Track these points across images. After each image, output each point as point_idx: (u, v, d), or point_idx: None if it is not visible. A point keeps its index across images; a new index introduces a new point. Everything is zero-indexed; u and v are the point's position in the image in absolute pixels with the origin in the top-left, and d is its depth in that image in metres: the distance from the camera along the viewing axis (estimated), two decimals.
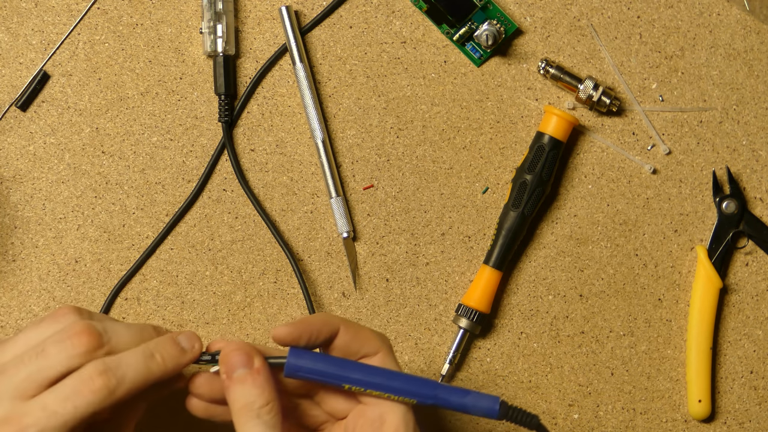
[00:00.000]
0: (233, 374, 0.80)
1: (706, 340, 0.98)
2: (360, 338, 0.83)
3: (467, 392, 0.83)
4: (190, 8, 0.99)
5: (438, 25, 0.99)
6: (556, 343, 0.99)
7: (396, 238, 0.99)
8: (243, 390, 0.80)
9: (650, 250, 0.99)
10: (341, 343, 0.82)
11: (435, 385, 0.82)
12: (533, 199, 0.97)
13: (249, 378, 0.80)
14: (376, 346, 0.83)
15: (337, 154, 0.99)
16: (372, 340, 0.83)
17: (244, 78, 0.99)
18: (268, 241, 0.99)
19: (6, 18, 0.99)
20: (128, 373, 0.79)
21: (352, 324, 0.83)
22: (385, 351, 0.83)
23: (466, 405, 0.82)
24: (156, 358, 0.80)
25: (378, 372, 0.82)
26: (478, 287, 0.97)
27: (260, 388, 0.80)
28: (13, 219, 0.98)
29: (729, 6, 0.99)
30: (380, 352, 0.83)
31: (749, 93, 0.99)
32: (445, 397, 0.82)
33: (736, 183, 0.99)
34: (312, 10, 0.99)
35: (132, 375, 0.79)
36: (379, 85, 0.99)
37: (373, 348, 0.83)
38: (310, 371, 0.81)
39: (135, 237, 0.98)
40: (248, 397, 0.79)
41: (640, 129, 0.99)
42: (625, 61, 0.99)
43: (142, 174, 0.99)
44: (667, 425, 0.99)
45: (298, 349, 0.81)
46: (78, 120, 0.99)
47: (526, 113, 0.99)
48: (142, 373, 0.79)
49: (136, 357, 0.80)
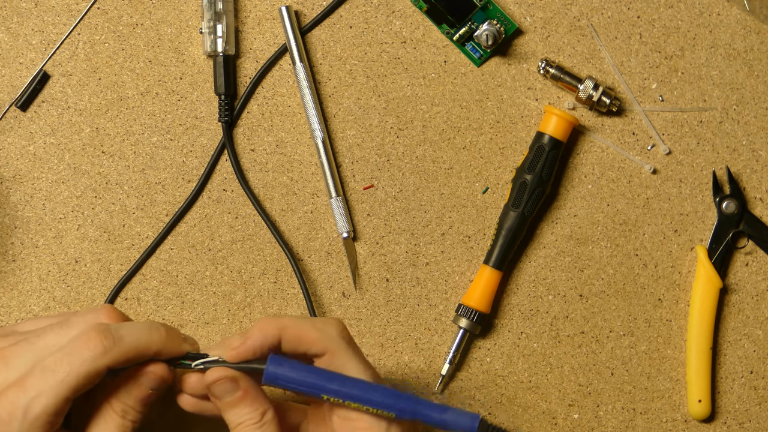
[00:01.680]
0: (223, 400, 0.83)
1: (706, 340, 0.98)
2: (304, 342, 0.83)
3: (447, 408, 0.83)
4: (190, 8, 0.99)
5: (438, 25, 0.99)
6: (556, 343, 0.99)
7: (396, 238, 0.99)
8: (236, 411, 0.84)
9: (650, 250, 0.99)
10: (288, 350, 0.84)
11: (415, 400, 0.82)
12: (533, 199, 0.97)
13: (239, 401, 0.83)
14: (321, 347, 0.83)
15: (337, 154, 0.99)
16: (317, 343, 0.83)
17: (244, 78, 0.99)
18: (268, 241, 0.99)
19: (6, 18, 0.99)
20: (126, 336, 0.82)
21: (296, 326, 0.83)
22: (333, 351, 0.83)
23: (446, 421, 0.83)
24: (160, 331, 0.83)
25: (357, 384, 0.82)
26: (478, 287, 0.97)
27: (251, 406, 0.84)
28: (13, 219, 0.98)
29: (729, 6, 0.99)
30: (326, 353, 0.83)
31: (749, 93, 0.99)
32: (426, 413, 0.82)
33: (736, 183, 0.99)
34: (312, 10, 0.99)
35: (129, 339, 0.82)
36: (379, 85, 0.99)
37: (319, 349, 0.83)
38: (289, 380, 0.82)
39: (135, 237, 0.98)
40: (243, 416, 0.84)
41: (640, 129, 0.99)
42: (625, 61, 0.99)
43: (142, 174, 0.99)
44: (667, 425, 0.99)
45: (278, 357, 0.83)
46: (78, 120, 0.99)
47: (526, 113, 0.99)
48: (141, 340, 0.83)
49: (139, 326, 0.83)
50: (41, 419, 0.80)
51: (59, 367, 0.81)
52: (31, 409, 0.80)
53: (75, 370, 0.80)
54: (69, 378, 0.80)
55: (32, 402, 0.80)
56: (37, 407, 0.80)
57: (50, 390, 0.80)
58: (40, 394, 0.80)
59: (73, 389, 0.80)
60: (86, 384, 0.81)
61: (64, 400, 0.80)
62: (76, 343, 0.81)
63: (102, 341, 0.81)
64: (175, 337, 0.84)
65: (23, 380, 0.81)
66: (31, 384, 0.80)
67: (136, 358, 0.82)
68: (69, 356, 0.81)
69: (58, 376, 0.80)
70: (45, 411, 0.80)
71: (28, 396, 0.80)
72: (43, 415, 0.80)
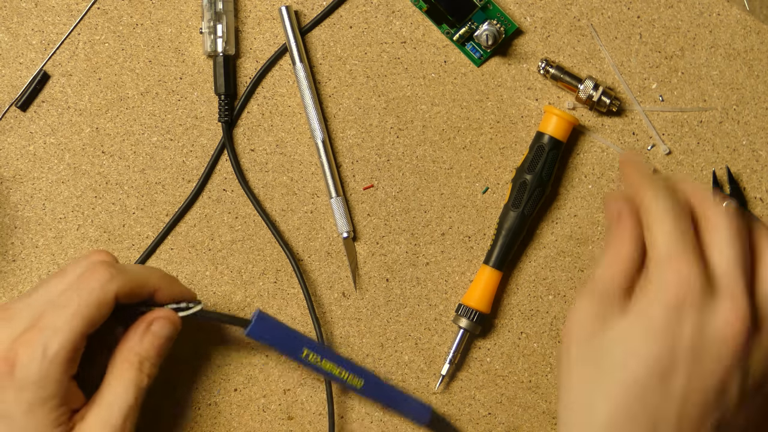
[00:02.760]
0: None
1: None
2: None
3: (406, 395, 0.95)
4: (190, 8, 0.99)
5: (438, 25, 0.99)
6: (556, 343, 0.99)
7: (396, 238, 0.99)
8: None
9: None
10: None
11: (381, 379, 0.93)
12: (533, 199, 0.97)
13: None
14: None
15: (337, 154, 0.99)
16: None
17: (244, 78, 0.99)
18: (268, 241, 0.99)
19: (6, 18, 0.99)
20: (128, 268, 0.84)
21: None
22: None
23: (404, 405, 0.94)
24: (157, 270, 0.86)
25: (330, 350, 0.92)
26: (478, 287, 0.97)
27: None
28: (13, 219, 0.98)
29: (729, 6, 0.99)
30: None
31: (749, 93, 0.99)
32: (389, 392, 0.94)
33: (736, 183, 0.99)
34: (312, 10, 0.99)
35: (131, 270, 0.84)
36: (379, 85, 0.99)
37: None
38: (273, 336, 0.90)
39: (135, 237, 0.98)
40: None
41: (640, 129, 0.99)
42: (625, 61, 0.99)
43: (142, 174, 0.99)
44: None
45: (264, 314, 0.89)
46: (78, 120, 0.99)
47: (526, 113, 0.99)
48: (142, 273, 0.85)
49: (141, 266, 0.87)
50: (60, 356, 0.80)
51: (70, 302, 0.81)
52: (48, 348, 0.80)
53: (86, 300, 0.81)
54: (81, 309, 0.80)
55: (49, 340, 0.80)
56: (55, 344, 0.80)
57: (65, 325, 0.80)
58: (57, 331, 0.80)
59: (88, 321, 0.80)
60: (99, 315, 0.81)
61: (80, 335, 0.81)
62: (82, 277, 0.82)
63: (108, 269, 0.83)
64: (171, 278, 0.87)
65: (37, 321, 0.81)
66: (45, 323, 0.80)
67: (139, 288, 0.84)
68: (78, 290, 0.81)
69: (70, 310, 0.80)
70: (63, 347, 0.80)
71: (45, 335, 0.80)
72: (62, 351, 0.80)
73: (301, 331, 0.98)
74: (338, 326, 0.98)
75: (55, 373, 0.80)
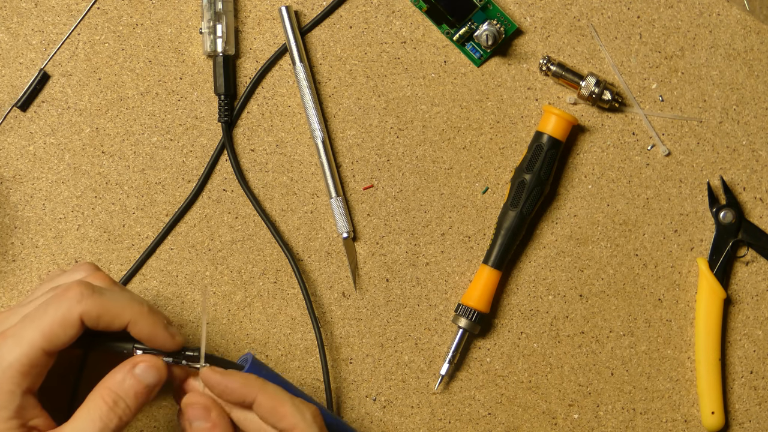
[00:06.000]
0: (193, 425, 0.83)
1: (714, 352, 0.97)
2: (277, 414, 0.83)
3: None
4: (190, 8, 0.99)
5: (438, 25, 0.99)
6: (556, 343, 0.99)
7: (396, 238, 0.99)
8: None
9: (650, 250, 0.99)
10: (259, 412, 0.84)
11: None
12: (532, 198, 0.97)
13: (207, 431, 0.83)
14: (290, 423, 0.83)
15: (337, 154, 0.99)
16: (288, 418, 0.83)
17: (244, 78, 0.99)
18: (268, 241, 0.99)
19: (6, 18, 0.99)
20: (106, 293, 0.82)
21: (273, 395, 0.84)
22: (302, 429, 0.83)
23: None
24: (141, 305, 0.83)
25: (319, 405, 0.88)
26: (478, 287, 0.97)
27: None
28: (13, 219, 0.98)
29: (729, 6, 0.99)
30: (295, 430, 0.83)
31: (749, 93, 0.99)
32: None
33: (731, 192, 0.99)
34: (312, 10, 1.00)
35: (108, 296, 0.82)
36: (379, 85, 0.99)
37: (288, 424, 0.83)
38: None
39: (135, 237, 0.98)
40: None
41: (640, 129, 0.99)
42: (625, 61, 0.99)
43: (142, 174, 0.99)
44: (667, 425, 0.99)
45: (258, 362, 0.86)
46: (78, 120, 0.99)
47: (526, 113, 0.99)
48: (117, 302, 0.82)
49: (121, 292, 0.83)
50: (14, 367, 0.79)
51: (35, 316, 0.80)
52: (3, 358, 0.79)
53: (51, 317, 0.80)
54: (44, 324, 0.80)
55: (6, 350, 0.79)
56: (10, 355, 0.79)
57: (23, 338, 0.79)
58: (16, 342, 0.79)
59: (48, 337, 0.79)
60: (62, 333, 0.80)
61: (39, 350, 0.80)
62: (55, 294, 0.81)
63: (81, 290, 0.81)
64: (156, 320, 0.83)
65: (7, 329, 0.81)
66: (10, 332, 0.80)
67: (109, 316, 0.81)
68: (46, 305, 0.81)
69: (33, 324, 0.80)
70: (18, 359, 0.79)
71: (6, 344, 0.80)
72: (16, 363, 0.79)
73: (301, 330, 0.98)
74: (338, 326, 0.98)
75: (7, 383, 0.79)
